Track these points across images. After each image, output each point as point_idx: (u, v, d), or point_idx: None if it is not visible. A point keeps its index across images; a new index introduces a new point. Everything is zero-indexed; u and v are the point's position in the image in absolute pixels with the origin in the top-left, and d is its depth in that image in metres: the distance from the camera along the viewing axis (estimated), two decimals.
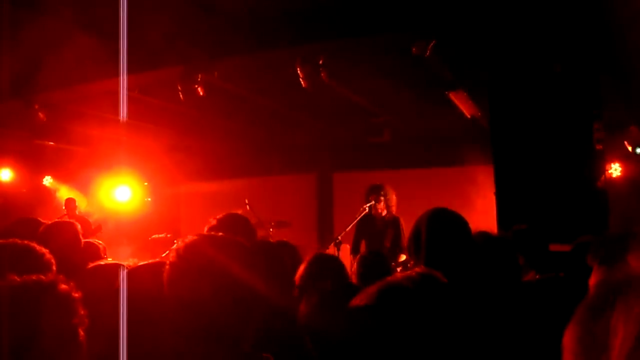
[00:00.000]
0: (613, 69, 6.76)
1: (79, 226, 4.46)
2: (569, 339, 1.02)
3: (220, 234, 2.27)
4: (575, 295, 1.36)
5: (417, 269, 1.96)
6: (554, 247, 4.81)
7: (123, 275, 2.48)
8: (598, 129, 6.41)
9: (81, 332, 1.87)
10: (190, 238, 2.13)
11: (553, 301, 3.36)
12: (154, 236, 10.86)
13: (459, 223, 3.43)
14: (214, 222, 4.07)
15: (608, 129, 7.01)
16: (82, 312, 1.88)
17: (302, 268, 3.88)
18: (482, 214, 7.79)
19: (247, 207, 9.73)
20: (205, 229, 3.91)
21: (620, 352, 0.92)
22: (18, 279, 1.82)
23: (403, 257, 7.42)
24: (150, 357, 2.12)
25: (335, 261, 4.22)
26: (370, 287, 1.87)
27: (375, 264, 4.79)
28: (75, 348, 1.86)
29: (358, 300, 1.86)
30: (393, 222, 8.03)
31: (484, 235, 3.56)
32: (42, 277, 1.85)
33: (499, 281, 3.26)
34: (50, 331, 1.79)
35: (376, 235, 8.02)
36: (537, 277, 4.34)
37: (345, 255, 7.82)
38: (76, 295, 1.88)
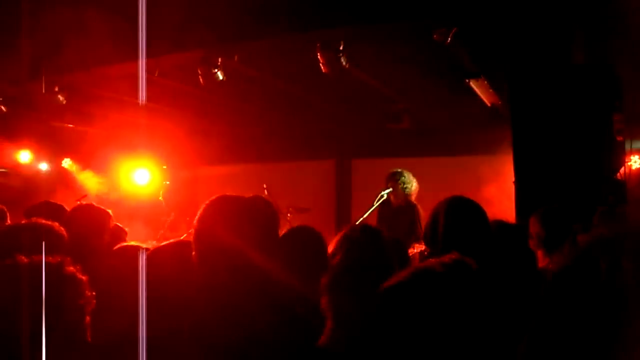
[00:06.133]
0: (634, 59, 6.68)
1: (110, 211, 4.47)
2: None
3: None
4: (586, 285, 1.35)
5: (450, 256, 1.96)
6: None
7: (143, 256, 2.50)
8: (619, 120, 6.35)
9: (87, 313, 1.88)
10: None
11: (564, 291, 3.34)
12: (162, 218, 10.99)
13: (477, 211, 3.42)
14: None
15: (628, 120, 6.94)
16: (88, 294, 1.89)
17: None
18: (501, 203, 7.75)
19: (266, 192, 9.74)
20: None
21: None
22: (26, 259, 1.83)
23: (420, 247, 7.31)
24: (169, 335, 2.14)
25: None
26: (402, 271, 1.88)
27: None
28: (82, 327, 1.87)
29: (391, 283, 1.86)
30: (410, 210, 7.99)
31: (499, 224, 3.55)
32: (50, 258, 1.86)
33: (513, 269, 3.25)
34: (56, 310, 1.80)
35: (392, 223, 7.97)
36: (550, 266, 4.32)
37: None
38: (83, 277, 1.89)
